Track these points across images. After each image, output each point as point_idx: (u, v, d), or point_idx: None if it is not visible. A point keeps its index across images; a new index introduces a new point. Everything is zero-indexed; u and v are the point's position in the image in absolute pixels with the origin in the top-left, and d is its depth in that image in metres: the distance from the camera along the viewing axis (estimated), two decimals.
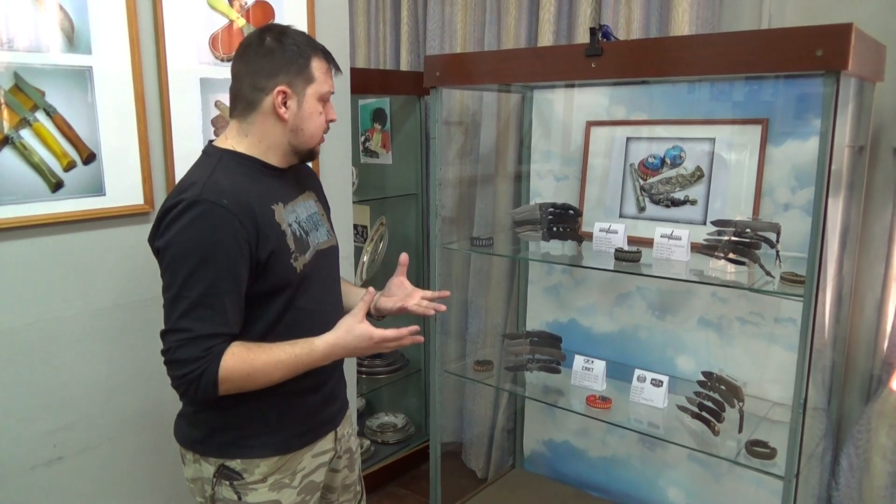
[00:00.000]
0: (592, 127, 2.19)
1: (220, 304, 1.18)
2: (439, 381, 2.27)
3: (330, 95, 1.34)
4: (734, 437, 1.73)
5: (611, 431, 2.26)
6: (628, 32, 2.21)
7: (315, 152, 1.37)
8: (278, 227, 1.27)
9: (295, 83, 1.27)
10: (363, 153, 2.92)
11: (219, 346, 1.18)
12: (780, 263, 1.66)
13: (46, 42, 1.47)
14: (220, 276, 1.17)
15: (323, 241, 1.40)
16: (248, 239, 1.20)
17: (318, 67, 1.30)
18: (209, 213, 1.17)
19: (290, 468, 1.35)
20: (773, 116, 1.85)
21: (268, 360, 1.21)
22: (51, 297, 1.55)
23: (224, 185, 1.22)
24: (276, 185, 1.32)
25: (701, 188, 1.97)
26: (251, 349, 1.21)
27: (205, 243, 1.17)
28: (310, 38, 1.35)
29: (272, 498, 1.33)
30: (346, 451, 1.52)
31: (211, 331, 1.17)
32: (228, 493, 1.31)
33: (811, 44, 1.41)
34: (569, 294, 2.33)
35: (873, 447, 1.90)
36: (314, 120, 1.31)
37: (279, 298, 1.28)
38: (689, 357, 2.07)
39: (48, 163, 1.50)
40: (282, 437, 1.33)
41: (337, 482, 1.51)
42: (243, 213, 1.20)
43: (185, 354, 1.17)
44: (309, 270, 1.32)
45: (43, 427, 1.56)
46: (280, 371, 1.22)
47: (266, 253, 1.23)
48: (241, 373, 1.19)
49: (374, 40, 3.03)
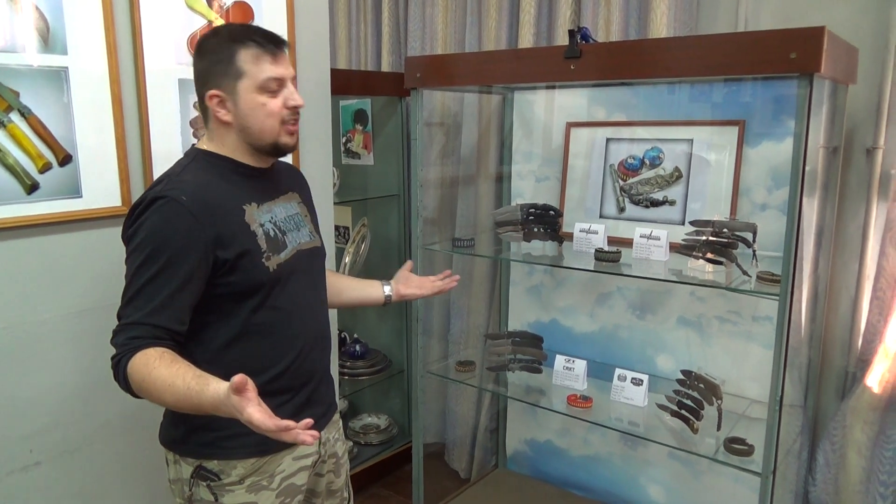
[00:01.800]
0: (573, 128, 2.21)
1: (156, 296, 1.17)
2: (422, 382, 2.27)
3: (275, 82, 1.25)
4: (713, 434, 1.75)
5: (592, 430, 2.28)
6: (607, 34, 2.23)
7: (280, 145, 1.30)
8: (247, 226, 1.27)
9: (224, 84, 1.25)
10: (344, 154, 2.91)
11: (140, 340, 1.15)
12: (757, 263, 1.69)
13: (21, 42, 1.45)
14: (162, 270, 1.18)
15: (305, 242, 1.39)
16: (205, 237, 1.20)
17: (245, 59, 1.23)
18: (166, 208, 1.19)
19: (269, 470, 1.34)
20: (750, 118, 1.88)
21: (164, 377, 1.11)
22: (26, 300, 1.52)
23: (189, 182, 1.23)
24: (251, 185, 1.32)
25: (679, 189, 2.00)
26: (161, 359, 1.13)
27: (156, 238, 1.18)
28: (239, 29, 1.28)
29: (250, 500, 1.32)
30: (332, 455, 1.50)
31: (140, 320, 1.17)
32: (206, 495, 1.31)
33: (785, 46, 1.43)
34: (550, 294, 2.34)
35: (848, 443, 1.93)
36: (258, 114, 1.25)
37: (254, 297, 1.27)
38: (669, 356, 2.09)
39: (23, 164, 1.48)
40: (259, 439, 1.25)
41: (321, 486, 1.50)
42: (203, 211, 1.20)
43: (116, 340, 1.18)
44: (284, 270, 1.31)
45: (19, 432, 1.54)
46: (170, 395, 1.11)
47: (233, 252, 1.23)
48: (138, 377, 1.14)
49: (356, 41, 3.03)
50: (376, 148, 2.85)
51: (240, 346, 1.29)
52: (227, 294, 1.25)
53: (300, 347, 1.35)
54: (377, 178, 2.88)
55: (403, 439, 2.89)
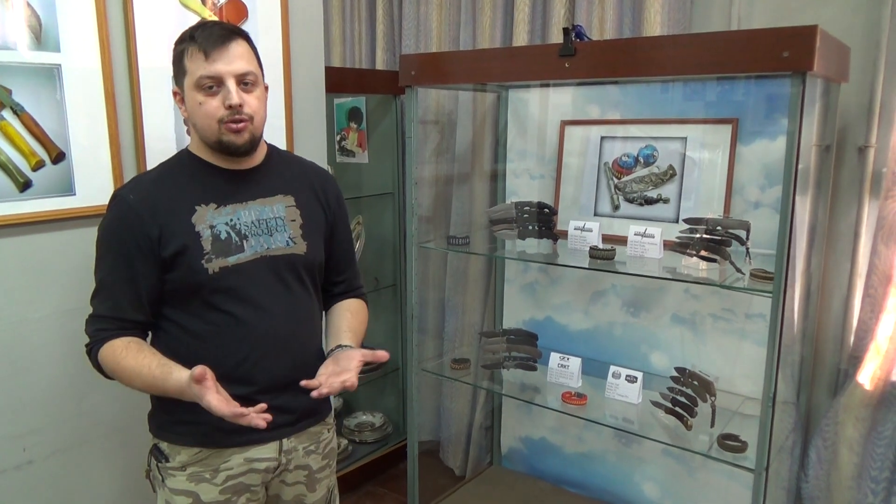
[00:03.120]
0: (567, 126, 2.21)
1: (113, 290, 1.28)
2: (416, 380, 2.27)
3: (209, 80, 1.23)
4: (706, 431, 1.76)
5: (587, 427, 2.28)
6: (601, 33, 2.23)
7: (224, 143, 1.27)
8: (191, 227, 1.28)
9: (179, 81, 1.30)
10: (339, 152, 2.91)
11: (109, 331, 1.27)
12: (750, 260, 1.69)
13: (13, 39, 1.45)
14: (115, 265, 1.27)
15: (277, 248, 1.34)
16: (148, 233, 1.26)
17: (189, 57, 1.25)
18: (116, 206, 1.29)
19: (212, 464, 1.32)
20: (743, 116, 1.88)
21: (131, 367, 1.25)
22: (19, 298, 1.52)
23: (146, 181, 1.33)
24: (216, 186, 1.32)
25: (673, 187, 2.00)
26: (129, 350, 1.26)
27: (107, 233, 1.29)
28: (192, 27, 1.28)
29: (189, 488, 1.33)
30: (302, 467, 1.42)
31: (103, 313, 1.28)
32: (156, 473, 1.36)
33: (778, 45, 1.44)
34: (545, 292, 2.35)
35: (841, 439, 1.94)
36: (197, 113, 1.27)
37: (194, 297, 1.29)
38: (663, 353, 2.10)
39: (16, 162, 1.48)
40: (205, 430, 1.30)
41: (288, 496, 1.44)
42: (147, 208, 1.27)
43: (86, 329, 1.30)
44: (232, 274, 1.29)
45: (12, 431, 1.54)
46: (138, 382, 1.25)
47: (170, 251, 1.26)
48: (108, 367, 1.27)
49: (350, 39, 3.02)
50: (371, 146, 2.84)
51: (187, 343, 1.31)
52: (170, 291, 1.30)
53: (245, 354, 1.31)
54: (372, 176, 2.87)
55: (398, 437, 2.90)
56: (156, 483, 1.38)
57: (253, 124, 1.29)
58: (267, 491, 1.42)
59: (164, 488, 1.35)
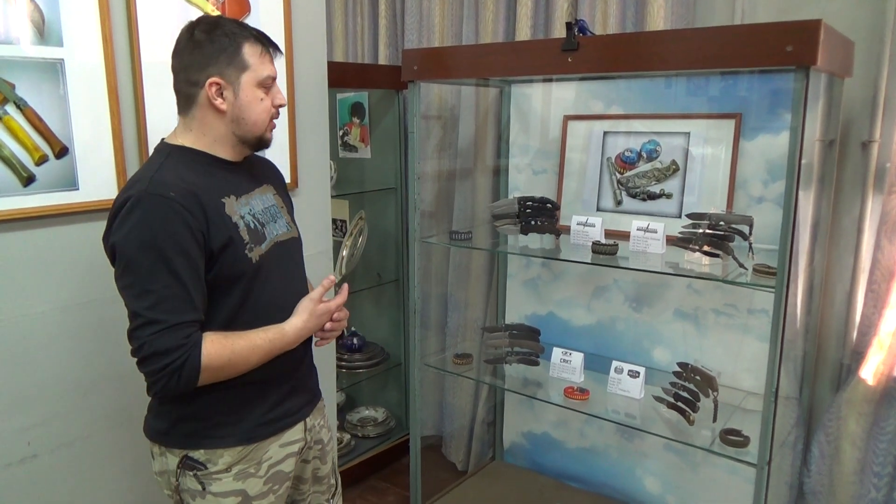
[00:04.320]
0: (570, 121, 2.21)
1: (187, 292, 1.20)
2: (419, 375, 2.28)
3: (271, 80, 1.31)
4: (709, 426, 1.76)
5: (589, 423, 2.29)
6: (604, 27, 2.23)
7: (265, 140, 1.35)
8: (229, 219, 1.27)
9: (227, 73, 1.26)
10: (341, 147, 2.91)
11: (196, 334, 1.20)
12: (753, 255, 1.69)
13: (16, 34, 1.45)
14: (180, 266, 1.18)
15: (283, 233, 1.40)
16: (200, 228, 1.22)
17: (251, 53, 1.27)
18: (158, 206, 1.19)
19: (256, 458, 1.35)
20: (746, 111, 1.88)
21: (245, 344, 1.26)
22: (23, 293, 1.52)
23: (169, 179, 1.23)
24: (227, 178, 1.32)
25: (676, 182, 2.00)
26: (228, 336, 1.25)
27: (159, 236, 1.18)
28: (241, 24, 1.31)
29: (237, 488, 1.33)
30: (317, 441, 1.50)
31: (185, 318, 1.19)
32: (193, 484, 1.32)
33: (781, 39, 1.43)
34: (547, 287, 2.35)
35: (843, 435, 1.95)
36: (255, 107, 1.29)
37: (235, 289, 1.28)
38: (665, 348, 2.10)
39: (19, 157, 1.48)
40: (245, 427, 1.33)
41: (307, 473, 1.51)
42: (191, 203, 1.21)
43: (165, 344, 1.17)
44: (266, 261, 1.32)
45: (16, 424, 1.54)
46: (257, 355, 1.27)
47: (218, 244, 1.24)
48: (222, 359, 1.22)
49: (352, 34, 3.02)
50: (373, 141, 2.84)
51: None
52: (211, 286, 1.26)
53: None
54: (374, 171, 2.87)
55: (401, 432, 2.90)
56: (190, 495, 1.33)
57: None
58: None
59: (205, 496, 1.32)
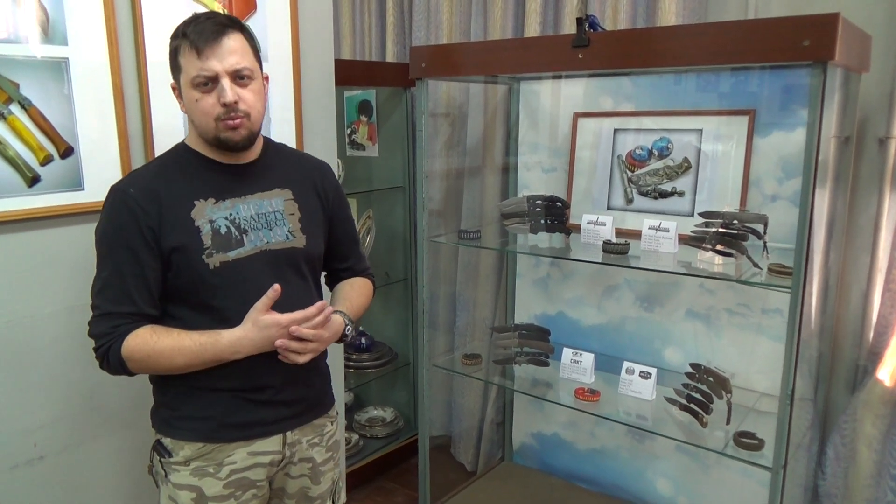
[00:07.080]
0: (580, 118, 2.18)
1: (124, 284, 1.24)
2: (428, 375, 2.26)
3: (204, 79, 1.23)
4: (722, 428, 1.73)
5: (599, 424, 2.26)
6: (615, 23, 2.20)
7: (224, 140, 1.27)
8: (191, 222, 1.27)
9: (176, 77, 1.29)
10: (349, 146, 2.89)
11: (126, 325, 1.24)
12: (768, 255, 1.66)
13: (21, 33, 1.44)
14: (122, 259, 1.24)
15: (278, 242, 1.34)
16: (151, 225, 1.24)
17: (183, 54, 1.25)
18: (115, 201, 1.26)
19: (216, 458, 1.32)
20: (760, 107, 1.85)
21: (172, 345, 1.24)
22: (29, 294, 1.51)
23: (146, 174, 1.30)
24: (215, 180, 1.32)
25: (688, 180, 1.97)
26: (158, 333, 1.25)
27: (110, 227, 1.26)
28: (184, 22, 1.27)
29: (193, 483, 1.32)
30: (306, 459, 1.43)
31: (116, 309, 1.24)
32: (159, 469, 1.36)
33: (798, 34, 1.40)
34: (557, 287, 2.32)
35: (859, 437, 1.91)
36: (195, 109, 1.26)
37: (194, 294, 1.28)
38: (677, 349, 2.07)
39: (24, 157, 1.47)
40: (210, 426, 1.32)
41: (292, 489, 1.44)
42: (148, 200, 1.25)
43: (95, 330, 1.26)
44: (233, 269, 1.29)
45: (23, 426, 1.54)
46: (183, 357, 1.25)
47: (169, 245, 1.26)
48: (141, 354, 1.24)
49: (360, 31, 3.00)
50: (381, 139, 2.83)
51: None
52: (172, 286, 1.29)
53: None
54: (382, 169, 2.86)
55: (409, 432, 2.89)
56: (158, 478, 1.38)
57: (250, 120, 1.28)
58: (271, 485, 1.42)
59: (167, 483, 1.35)
